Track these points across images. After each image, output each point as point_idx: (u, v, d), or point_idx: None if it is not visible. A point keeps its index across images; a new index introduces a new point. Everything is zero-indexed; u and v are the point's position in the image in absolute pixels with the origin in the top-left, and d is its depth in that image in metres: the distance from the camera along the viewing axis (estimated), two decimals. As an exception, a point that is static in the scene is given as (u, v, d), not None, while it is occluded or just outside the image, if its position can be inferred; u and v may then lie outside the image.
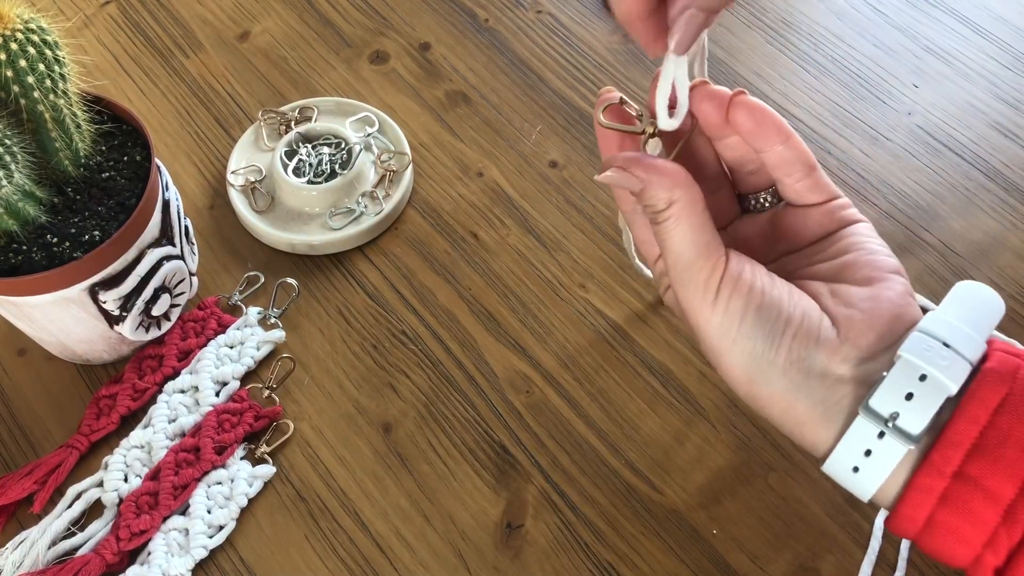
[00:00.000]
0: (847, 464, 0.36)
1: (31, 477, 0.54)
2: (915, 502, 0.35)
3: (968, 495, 0.34)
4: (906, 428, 0.34)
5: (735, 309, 0.37)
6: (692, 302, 0.38)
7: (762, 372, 0.37)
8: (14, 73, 0.49)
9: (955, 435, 0.34)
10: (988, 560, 0.34)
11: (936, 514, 0.34)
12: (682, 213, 0.37)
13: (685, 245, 0.38)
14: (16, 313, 0.54)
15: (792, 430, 0.38)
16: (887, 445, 0.35)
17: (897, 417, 0.35)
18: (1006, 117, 0.70)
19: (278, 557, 0.53)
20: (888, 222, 0.65)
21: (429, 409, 0.57)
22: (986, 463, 0.34)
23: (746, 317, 0.37)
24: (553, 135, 0.69)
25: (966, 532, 0.34)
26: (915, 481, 0.35)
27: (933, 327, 0.36)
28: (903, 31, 0.75)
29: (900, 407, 0.35)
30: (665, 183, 0.37)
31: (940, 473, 0.34)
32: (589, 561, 0.52)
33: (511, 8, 0.77)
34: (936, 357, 0.35)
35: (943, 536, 0.35)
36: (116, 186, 0.54)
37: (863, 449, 0.35)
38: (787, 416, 0.37)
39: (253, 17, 0.76)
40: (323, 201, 0.64)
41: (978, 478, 0.34)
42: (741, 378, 0.38)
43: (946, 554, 0.35)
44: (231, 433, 0.55)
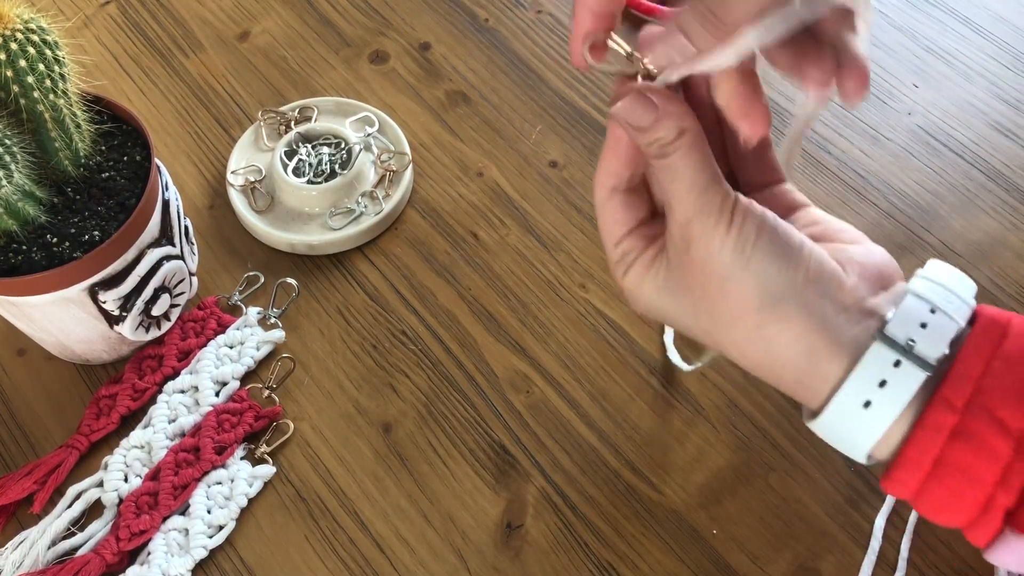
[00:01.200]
0: (859, 399, 0.34)
1: (31, 477, 0.54)
2: (924, 442, 0.34)
3: (981, 427, 0.33)
4: (924, 354, 0.34)
5: (749, 229, 0.36)
6: (706, 227, 0.36)
7: (777, 293, 0.36)
8: (14, 73, 0.49)
9: (964, 368, 0.34)
10: (999, 500, 0.33)
11: (947, 452, 0.33)
12: (694, 142, 0.37)
13: (699, 171, 0.37)
14: (16, 313, 0.54)
15: (799, 362, 0.36)
16: (903, 374, 0.34)
17: (914, 345, 0.34)
18: (1006, 117, 0.70)
19: (278, 557, 0.53)
20: (888, 222, 0.65)
21: (429, 409, 0.57)
22: (996, 394, 0.33)
23: (761, 236, 0.36)
24: (553, 135, 0.69)
25: (978, 468, 0.33)
26: (925, 419, 0.34)
27: (932, 275, 0.37)
28: (903, 31, 0.75)
29: (916, 335, 0.34)
30: (680, 111, 0.37)
31: (951, 407, 0.33)
32: (589, 561, 0.52)
33: (511, 8, 0.77)
34: (941, 296, 0.35)
35: (953, 478, 0.34)
36: (116, 186, 0.54)
37: (878, 380, 0.34)
38: (799, 343, 0.36)
39: (253, 17, 0.76)
40: (323, 201, 0.64)
41: (991, 409, 0.33)
42: (752, 303, 0.36)
43: (952, 503, 0.34)
44: (231, 433, 0.55)
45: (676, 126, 0.37)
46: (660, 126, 0.37)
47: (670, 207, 0.38)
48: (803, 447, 0.55)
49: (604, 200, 0.41)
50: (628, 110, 0.37)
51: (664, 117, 0.37)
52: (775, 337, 0.36)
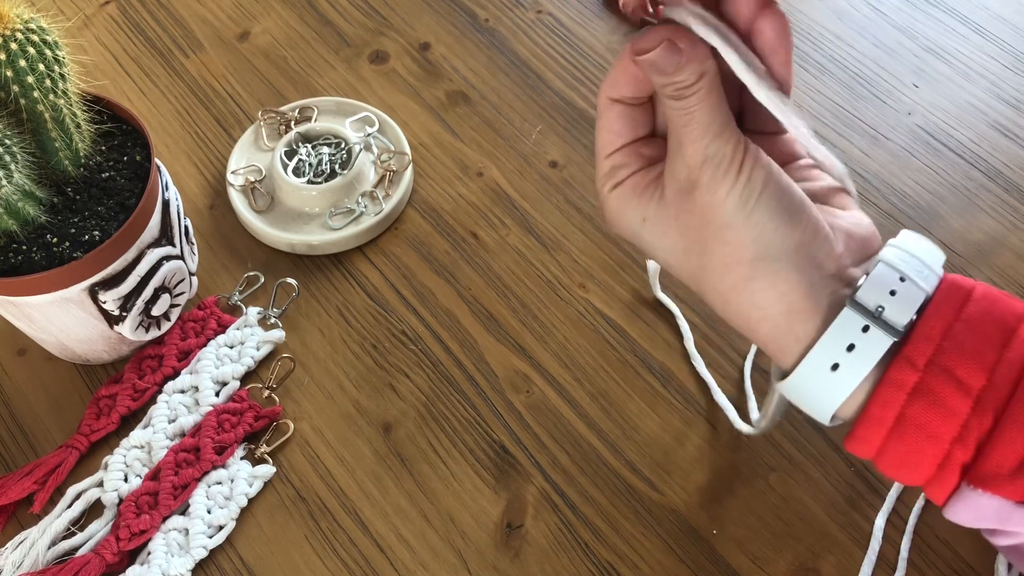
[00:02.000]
0: (827, 361, 0.36)
1: (31, 477, 0.54)
2: (886, 398, 0.35)
3: (940, 386, 0.34)
4: (892, 320, 0.35)
5: (757, 180, 0.36)
6: (716, 174, 0.36)
7: (773, 249, 0.36)
8: (14, 73, 0.49)
9: (927, 329, 0.35)
10: (957, 455, 0.34)
11: (907, 409, 0.35)
12: (712, 85, 0.36)
13: (714, 115, 0.36)
14: (16, 313, 0.54)
15: (778, 320, 0.37)
16: (870, 339, 0.35)
17: (883, 311, 0.35)
18: (1006, 117, 0.70)
19: (278, 557, 0.53)
20: (888, 222, 0.65)
21: (429, 409, 0.57)
22: (955, 354, 0.34)
23: (767, 189, 0.36)
24: (553, 135, 0.69)
25: (937, 426, 0.34)
26: (887, 377, 0.35)
27: (903, 244, 0.38)
28: (903, 31, 0.75)
29: (885, 301, 0.35)
30: (702, 54, 0.36)
31: (913, 366, 0.34)
32: (589, 561, 0.52)
33: (511, 8, 0.77)
34: (911, 265, 0.36)
35: (913, 434, 0.35)
36: (116, 186, 0.54)
37: (847, 343, 0.35)
38: (782, 301, 0.37)
39: (253, 17, 0.76)
40: (323, 201, 0.64)
41: (951, 368, 0.34)
42: (746, 254, 0.36)
43: (912, 459, 0.35)
44: (231, 433, 0.55)
45: (698, 70, 0.36)
46: (682, 70, 0.36)
47: (679, 146, 0.37)
48: (803, 447, 0.55)
49: (605, 108, 0.41)
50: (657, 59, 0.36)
51: (687, 61, 0.36)
52: (761, 291, 0.37)
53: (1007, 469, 0.33)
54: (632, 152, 0.41)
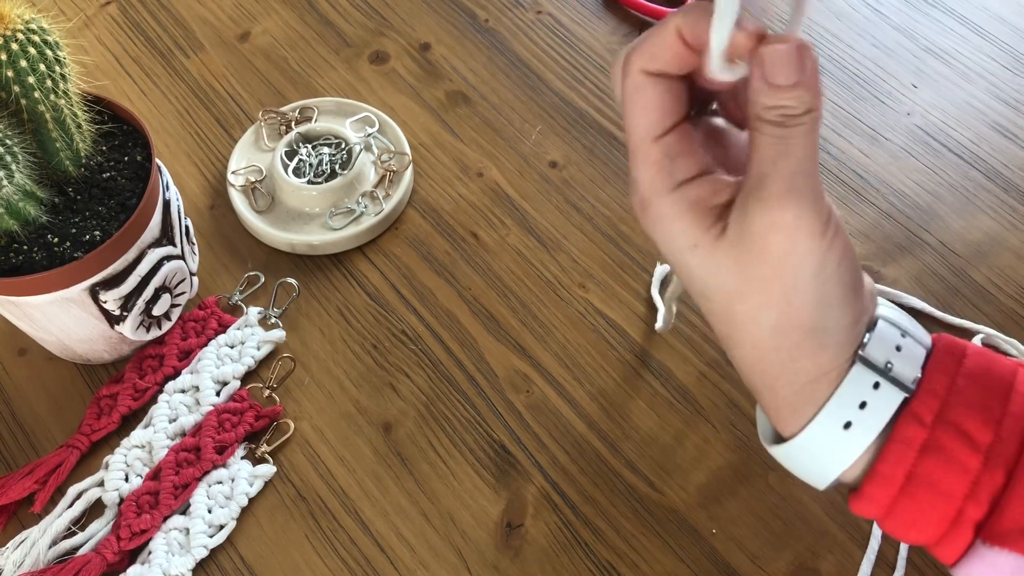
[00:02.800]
0: (840, 420, 0.34)
1: (32, 477, 0.54)
2: (896, 456, 0.34)
3: (950, 441, 0.33)
4: (901, 376, 0.34)
5: (837, 249, 0.34)
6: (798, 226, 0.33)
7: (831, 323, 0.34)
8: (15, 73, 0.49)
9: (932, 385, 0.34)
10: (969, 512, 0.33)
11: (918, 467, 0.33)
12: (815, 124, 0.33)
13: (809, 154, 0.33)
14: (17, 313, 0.54)
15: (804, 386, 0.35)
16: (882, 395, 0.34)
17: (891, 367, 0.34)
18: (1006, 117, 0.70)
19: (278, 556, 0.53)
20: (888, 222, 0.65)
21: (429, 409, 0.57)
22: (962, 409, 0.33)
23: (843, 261, 0.34)
24: (553, 135, 0.69)
25: (949, 482, 0.33)
26: (896, 434, 0.34)
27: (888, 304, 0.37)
28: (902, 31, 0.75)
29: (893, 358, 0.34)
30: (817, 85, 0.32)
31: (921, 422, 0.34)
32: (589, 561, 0.52)
33: (511, 8, 0.77)
34: (907, 322, 0.36)
35: (924, 491, 0.34)
36: (116, 186, 0.54)
37: (859, 401, 0.34)
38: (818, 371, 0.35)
39: (253, 17, 0.76)
40: (323, 201, 0.64)
41: (958, 423, 0.33)
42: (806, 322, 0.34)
43: (924, 516, 0.34)
44: (231, 433, 0.55)
45: (810, 101, 0.32)
46: (794, 93, 0.32)
47: (761, 180, 0.33)
48: (803, 447, 0.55)
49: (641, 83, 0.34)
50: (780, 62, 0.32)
51: (803, 85, 0.32)
52: (804, 359, 0.35)
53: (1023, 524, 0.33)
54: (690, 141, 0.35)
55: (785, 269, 0.33)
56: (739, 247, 0.34)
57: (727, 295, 0.35)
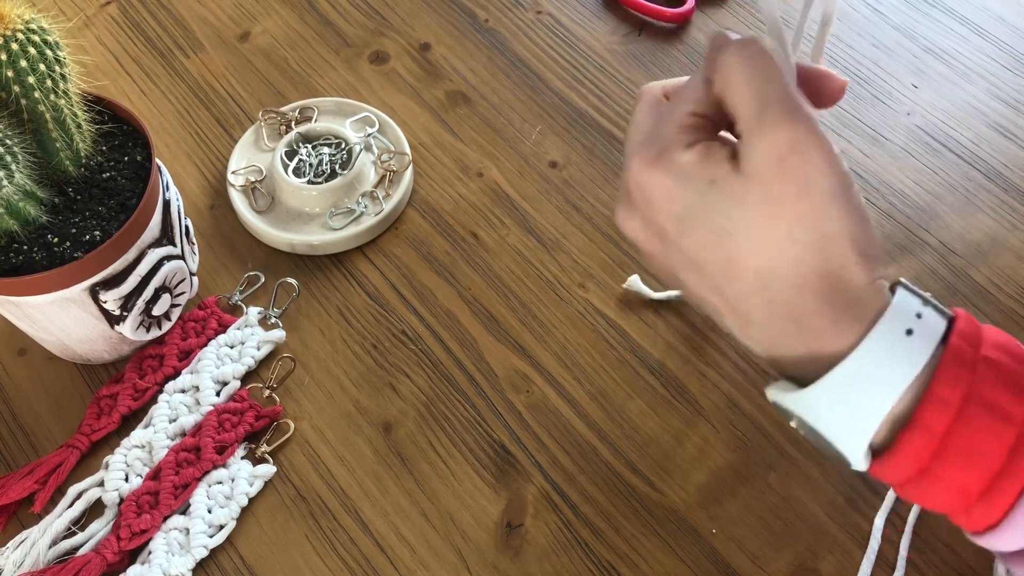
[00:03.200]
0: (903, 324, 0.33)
1: (32, 477, 0.54)
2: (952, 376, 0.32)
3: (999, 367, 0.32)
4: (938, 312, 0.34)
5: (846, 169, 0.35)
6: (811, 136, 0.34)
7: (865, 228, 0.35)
8: (15, 73, 0.49)
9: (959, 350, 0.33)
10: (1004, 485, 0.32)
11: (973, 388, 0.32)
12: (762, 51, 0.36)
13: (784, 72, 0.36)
14: (17, 313, 0.54)
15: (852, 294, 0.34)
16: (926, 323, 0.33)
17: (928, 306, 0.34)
18: (1006, 117, 0.70)
19: (278, 556, 0.53)
20: (888, 222, 0.65)
21: (429, 409, 0.57)
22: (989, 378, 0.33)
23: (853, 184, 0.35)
24: (553, 135, 0.69)
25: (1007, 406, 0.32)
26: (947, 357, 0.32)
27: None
28: (902, 31, 0.75)
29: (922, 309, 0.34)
30: None
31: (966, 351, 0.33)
32: (589, 561, 0.52)
33: (511, 8, 0.77)
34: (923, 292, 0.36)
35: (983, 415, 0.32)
36: (116, 186, 0.54)
37: (915, 312, 0.33)
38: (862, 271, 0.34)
39: (253, 17, 0.76)
40: (323, 201, 0.64)
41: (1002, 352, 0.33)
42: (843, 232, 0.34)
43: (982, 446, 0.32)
44: (231, 433, 0.55)
45: None
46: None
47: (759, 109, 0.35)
48: (803, 447, 0.55)
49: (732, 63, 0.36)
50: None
51: None
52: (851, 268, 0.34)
53: None
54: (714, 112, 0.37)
55: (815, 184, 0.33)
56: (760, 174, 0.34)
57: (754, 225, 0.34)
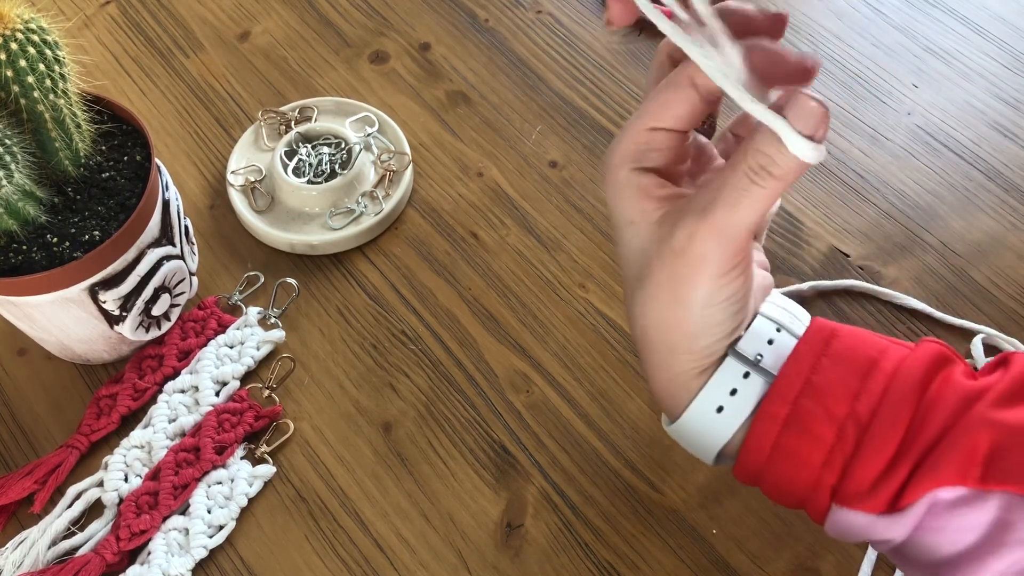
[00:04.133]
0: (713, 404, 0.39)
1: (31, 477, 0.54)
2: (762, 431, 0.38)
3: (808, 415, 0.37)
4: (769, 367, 0.38)
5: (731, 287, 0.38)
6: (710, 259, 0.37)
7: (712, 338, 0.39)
8: (14, 73, 0.49)
9: (797, 366, 0.38)
10: (825, 479, 0.37)
11: (781, 439, 0.38)
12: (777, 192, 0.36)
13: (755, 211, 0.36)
14: (16, 313, 0.54)
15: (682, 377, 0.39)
16: (751, 383, 0.38)
17: (761, 359, 0.39)
18: (1006, 117, 0.70)
19: (278, 557, 0.53)
20: (888, 222, 0.65)
21: (429, 409, 0.57)
22: (821, 387, 0.37)
23: (733, 296, 0.38)
24: (553, 135, 0.69)
25: (807, 452, 0.37)
26: (762, 410, 0.38)
27: (778, 300, 0.41)
28: (903, 31, 0.75)
29: (763, 350, 0.39)
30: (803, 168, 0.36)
31: (784, 399, 0.38)
32: (589, 561, 0.52)
33: (511, 8, 0.77)
34: (785, 317, 0.40)
35: (785, 461, 0.38)
36: (116, 186, 0.54)
37: (730, 388, 0.39)
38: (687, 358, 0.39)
39: (253, 17, 0.76)
40: (323, 201, 0.64)
41: (817, 398, 0.37)
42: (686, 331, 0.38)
43: (788, 483, 0.38)
44: (231, 433, 0.55)
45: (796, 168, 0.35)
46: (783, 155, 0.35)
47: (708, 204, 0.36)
48: (803, 447, 0.55)
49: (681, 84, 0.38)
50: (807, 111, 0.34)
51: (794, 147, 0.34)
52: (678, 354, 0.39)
53: (866, 486, 0.36)
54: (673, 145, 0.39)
55: (680, 285, 0.38)
56: (660, 242, 0.38)
57: (635, 274, 0.39)
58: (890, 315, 0.61)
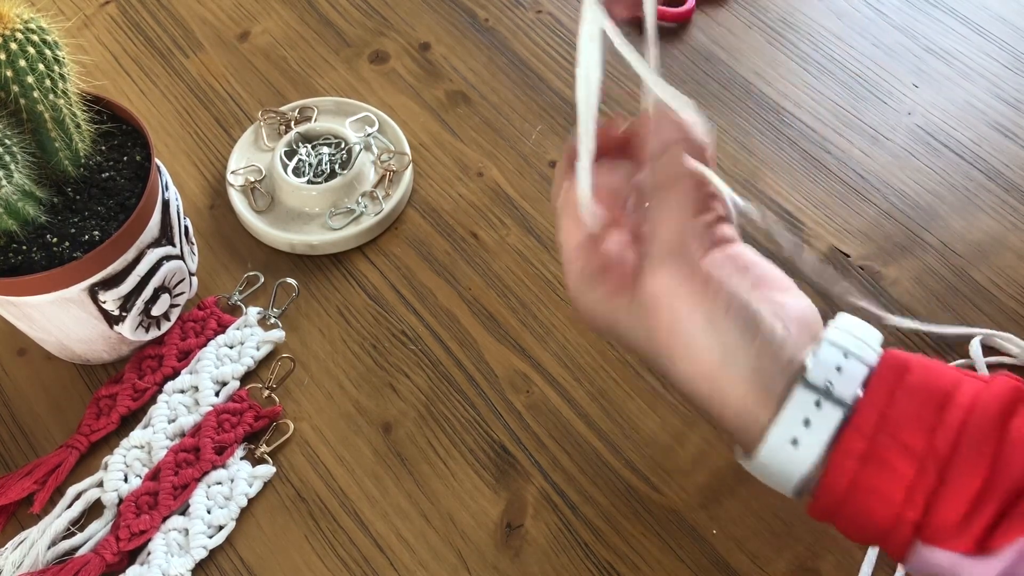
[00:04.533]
0: (787, 437, 0.38)
1: (31, 477, 0.54)
2: (839, 467, 0.37)
3: (886, 450, 0.37)
4: (840, 395, 0.37)
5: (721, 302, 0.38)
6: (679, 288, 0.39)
7: (737, 360, 0.38)
8: (14, 73, 0.49)
9: (872, 399, 0.37)
10: (907, 515, 0.36)
11: (859, 474, 0.37)
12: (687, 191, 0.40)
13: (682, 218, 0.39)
14: (16, 313, 0.54)
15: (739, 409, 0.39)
16: (823, 414, 0.38)
17: (831, 387, 0.38)
18: (1006, 117, 0.70)
19: (278, 557, 0.53)
20: (888, 222, 0.65)
21: (429, 409, 0.57)
22: (900, 421, 0.37)
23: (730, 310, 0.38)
24: (553, 135, 0.69)
25: (887, 488, 0.37)
26: (839, 446, 0.37)
27: (843, 324, 0.40)
28: (903, 31, 0.75)
29: (833, 377, 0.38)
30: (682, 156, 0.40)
31: (860, 434, 0.37)
32: (589, 561, 0.52)
33: (511, 8, 0.77)
34: (853, 343, 0.39)
35: (865, 497, 0.37)
36: (116, 186, 0.54)
37: (803, 419, 0.38)
38: (743, 398, 0.39)
39: (253, 17, 0.76)
40: (323, 201, 0.64)
41: (895, 433, 0.37)
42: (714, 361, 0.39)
43: (866, 519, 0.37)
44: (231, 433, 0.55)
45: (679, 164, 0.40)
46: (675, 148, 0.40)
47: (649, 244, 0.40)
48: (803, 447, 0.55)
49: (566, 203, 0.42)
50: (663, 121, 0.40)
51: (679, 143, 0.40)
52: (725, 388, 0.39)
53: (952, 524, 0.36)
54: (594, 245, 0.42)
55: (677, 328, 0.39)
56: (642, 310, 0.40)
57: (647, 353, 0.41)
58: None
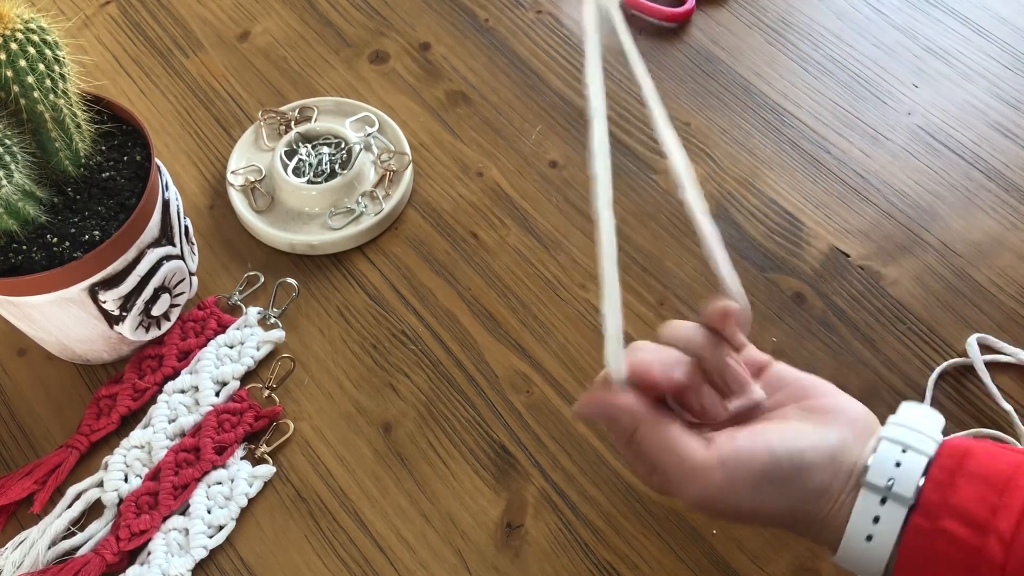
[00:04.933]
0: (861, 535, 0.40)
1: (31, 477, 0.54)
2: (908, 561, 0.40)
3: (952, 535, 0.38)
4: (901, 492, 0.40)
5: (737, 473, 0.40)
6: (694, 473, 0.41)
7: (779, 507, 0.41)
8: (14, 73, 0.49)
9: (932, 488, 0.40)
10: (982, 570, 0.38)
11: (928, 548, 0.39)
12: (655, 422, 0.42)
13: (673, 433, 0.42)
14: (16, 313, 0.54)
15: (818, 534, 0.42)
16: (889, 509, 0.40)
17: (893, 483, 0.40)
18: (1006, 117, 0.70)
19: (278, 557, 0.53)
20: (888, 222, 0.65)
21: (429, 409, 0.57)
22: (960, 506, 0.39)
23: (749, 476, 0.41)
24: (553, 135, 0.69)
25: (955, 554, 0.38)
26: (906, 541, 0.40)
27: (901, 419, 0.42)
28: (903, 31, 0.75)
29: (894, 473, 0.40)
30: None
31: (924, 529, 0.39)
32: (589, 561, 0.52)
33: (511, 8, 0.77)
34: (911, 436, 0.41)
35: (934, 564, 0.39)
36: (116, 186, 0.54)
37: (872, 517, 0.40)
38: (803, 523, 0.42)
39: (253, 17, 0.76)
40: (323, 201, 0.64)
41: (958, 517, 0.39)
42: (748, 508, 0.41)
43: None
44: (231, 433, 0.55)
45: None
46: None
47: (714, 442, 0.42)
48: (803, 447, 0.55)
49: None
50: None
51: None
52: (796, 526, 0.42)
53: None
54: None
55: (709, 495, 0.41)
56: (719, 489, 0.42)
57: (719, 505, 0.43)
58: (891, 315, 0.61)
